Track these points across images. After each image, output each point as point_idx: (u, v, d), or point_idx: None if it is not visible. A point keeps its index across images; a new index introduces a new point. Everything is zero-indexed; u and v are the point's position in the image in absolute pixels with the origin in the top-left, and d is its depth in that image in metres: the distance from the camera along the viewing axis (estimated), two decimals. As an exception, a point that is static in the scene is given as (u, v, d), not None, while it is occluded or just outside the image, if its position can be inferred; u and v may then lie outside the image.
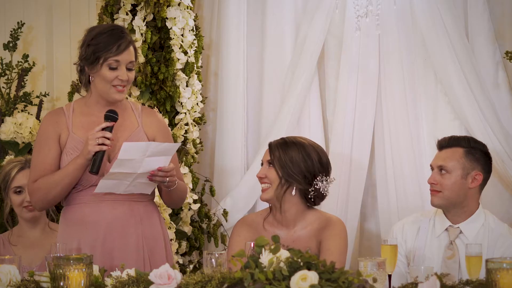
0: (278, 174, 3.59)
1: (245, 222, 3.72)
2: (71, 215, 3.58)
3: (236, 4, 4.79)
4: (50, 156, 3.56)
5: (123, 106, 3.65)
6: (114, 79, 3.52)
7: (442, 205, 3.67)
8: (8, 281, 3.00)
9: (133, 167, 3.39)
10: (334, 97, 4.69)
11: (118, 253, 3.50)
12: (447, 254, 3.63)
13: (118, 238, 3.53)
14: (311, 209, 3.68)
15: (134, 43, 3.60)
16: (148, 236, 3.58)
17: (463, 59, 4.46)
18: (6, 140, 4.73)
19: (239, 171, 4.78)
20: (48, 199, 3.55)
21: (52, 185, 3.52)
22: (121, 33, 3.55)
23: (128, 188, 3.49)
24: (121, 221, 3.54)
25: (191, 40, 4.55)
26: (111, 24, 3.72)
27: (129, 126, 3.62)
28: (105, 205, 3.54)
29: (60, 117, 3.62)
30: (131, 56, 3.55)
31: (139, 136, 3.59)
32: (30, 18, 5.11)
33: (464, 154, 3.65)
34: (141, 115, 3.67)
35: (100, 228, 3.53)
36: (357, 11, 4.35)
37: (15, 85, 4.87)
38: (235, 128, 4.78)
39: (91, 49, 3.54)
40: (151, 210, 3.62)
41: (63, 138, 3.58)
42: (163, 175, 3.45)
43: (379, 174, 4.65)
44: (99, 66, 3.52)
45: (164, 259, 3.57)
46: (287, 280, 2.62)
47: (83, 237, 3.52)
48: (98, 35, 3.54)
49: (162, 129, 3.68)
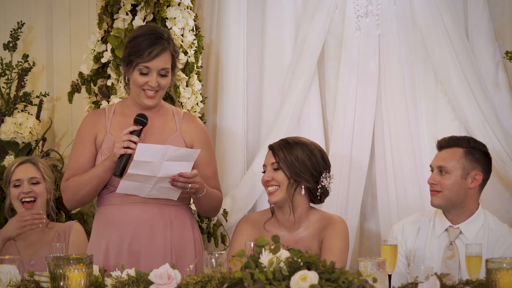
0: (286, 175, 3.58)
1: (249, 220, 3.72)
2: (102, 216, 3.62)
3: (236, 4, 4.79)
4: (84, 156, 3.59)
5: (163, 110, 3.66)
6: (144, 84, 3.53)
7: (442, 205, 3.67)
8: (8, 281, 3.01)
9: (152, 170, 3.39)
10: (334, 97, 4.69)
11: (144, 255, 3.51)
12: (447, 254, 3.63)
13: (145, 240, 3.54)
14: (314, 209, 3.69)
15: (172, 48, 3.57)
16: (177, 239, 3.59)
17: (463, 59, 4.46)
18: (6, 140, 4.73)
19: (239, 171, 4.78)
20: (77, 198, 3.59)
21: (80, 185, 3.55)
22: (156, 39, 3.53)
23: (151, 192, 3.49)
24: (149, 223, 3.55)
25: (191, 40, 4.55)
26: (152, 27, 3.64)
27: (167, 131, 3.63)
28: (134, 207, 3.55)
29: (99, 117, 3.65)
30: (164, 63, 3.54)
31: (176, 140, 3.60)
32: (30, 18, 5.12)
33: (464, 154, 3.65)
34: (182, 120, 3.67)
35: (128, 229, 3.54)
36: (357, 11, 4.35)
37: (15, 85, 4.87)
38: (235, 128, 4.78)
39: (127, 51, 3.56)
40: (183, 214, 3.62)
41: (99, 139, 3.60)
42: (184, 181, 3.44)
43: (379, 174, 4.65)
44: (131, 69, 3.54)
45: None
46: (287, 280, 2.62)
47: (111, 238, 3.55)
48: (136, 38, 3.55)
49: (200, 136, 3.68)
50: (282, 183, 3.59)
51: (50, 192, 4.12)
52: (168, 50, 3.55)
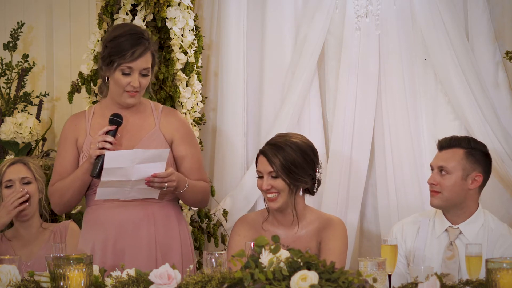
0: (285, 182, 3.55)
1: (245, 221, 3.71)
2: (88, 216, 3.65)
3: (236, 4, 4.79)
4: (67, 160, 3.61)
5: (142, 107, 3.66)
6: (126, 85, 3.53)
7: (441, 205, 3.67)
8: (8, 281, 3.01)
9: (124, 174, 3.40)
10: (334, 97, 4.69)
11: (129, 253, 3.52)
12: (447, 254, 3.63)
13: (129, 238, 3.55)
14: (308, 207, 3.68)
15: (153, 48, 3.57)
16: (162, 236, 3.59)
17: (463, 59, 4.46)
18: (6, 140, 4.73)
19: (239, 171, 4.78)
20: (63, 202, 3.61)
21: (65, 188, 3.57)
22: (138, 39, 3.53)
23: (130, 194, 3.51)
24: (133, 221, 3.56)
25: (191, 40, 4.55)
26: (132, 26, 3.66)
27: (145, 127, 3.63)
28: (118, 206, 3.56)
29: (79, 120, 3.65)
30: (146, 63, 3.54)
31: (155, 136, 3.60)
32: (30, 18, 5.12)
33: (464, 155, 3.65)
34: (160, 115, 3.67)
35: (112, 229, 3.56)
36: (357, 11, 4.35)
37: (15, 85, 4.87)
38: (235, 128, 4.78)
39: (107, 51, 3.55)
40: (167, 210, 3.63)
41: (80, 141, 3.61)
42: (159, 181, 3.44)
43: (379, 174, 4.65)
44: (112, 69, 3.53)
45: (179, 260, 3.57)
46: (287, 280, 2.62)
47: (96, 238, 3.57)
48: (116, 37, 3.54)
49: (180, 130, 3.67)
50: (282, 190, 3.57)
51: (42, 191, 4.11)
52: (149, 50, 3.56)
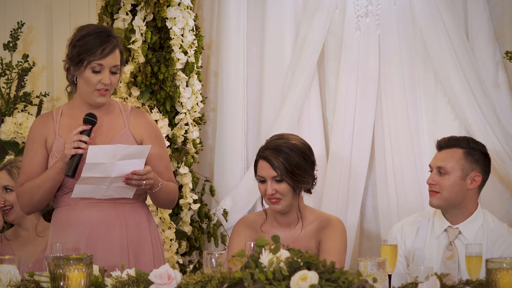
0: (289, 185, 3.54)
1: (245, 222, 3.71)
2: (58, 217, 3.60)
3: (236, 4, 4.79)
4: (36, 160, 3.58)
5: (110, 107, 3.64)
6: (97, 83, 3.52)
7: (440, 205, 3.67)
8: (8, 281, 3.01)
9: (105, 171, 3.39)
10: (334, 97, 4.69)
11: (101, 255, 3.46)
12: (446, 254, 3.63)
13: (101, 240, 3.53)
14: (307, 207, 3.68)
15: (120, 46, 3.58)
16: (134, 238, 3.57)
17: (463, 59, 4.47)
18: (6, 140, 4.73)
19: (239, 171, 4.78)
20: (33, 203, 3.57)
21: (35, 189, 3.53)
22: (107, 37, 3.53)
23: (106, 193, 3.49)
24: (105, 223, 3.54)
25: (191, 40, 4.55)
26: (98, 25, 3.70)
27: (115, 128, 3.61)
28: (89, 207, 3.54)
29: (48, 120, 3.63)
30: (115, 60, 3.53)
31: (125, 137, 3.58)
32: (30, 18, 5.12)
33: (463, 155, 3.64)
34: (129, 116, 3.66)
35: (83, 230, 3.53)
36: (357, 11, 4.35)
37: (15, 85, 4.87)
38: (235, 128, 4.78)
39: (76, 50, 3.53)
40: (138, 211, 3.61)
41: (49, 142, 3.58)
42: (138, 178, 3.43)
43: (379, 174, 4.65)
44: (82, 68, 3.51)
45: (151, 261, 3.57)
46: (287, 280, 2.62)
47: (68, 239, 3.51)
48: (84, 36, 3.53)
49: (149, 131, 3.65)
50: (286, 194, 3.56)
51: None
52: (118, 47, 3.55)
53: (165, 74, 4.50)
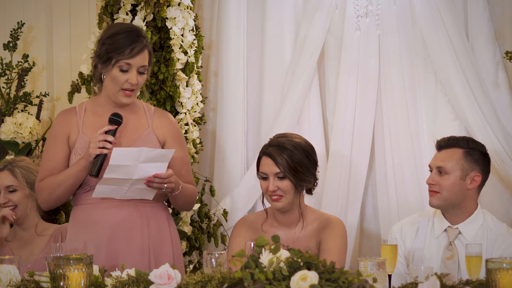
0: (291, 182, 3.55)
1: (245, 223, 3.71)
2: (79, 215, 3.60)
3: (236, 4, 4.79)
4: (58, 156, 3.57)
5: (135, 107, 3.64)
6: (124, 82, 3.52)
7: (440, 205, 3.67)
8: (8, 281, 3.01)
9: (127, 173, 3.39)
10: (334, 97, 4.69)
11: (122, 254, 3.50)
12: (446, 255, 3.63)
13: (123, 239, 3.53)
14: (308, 207, 3.69)
15: (149, 47, 3.57)
16: (155, 238, 3.58)
17: (463, 59, 4.47)
18: (6, 140, 4.73)
19: (239, 171, 4.78)
20: (53, 199, 3.57)
21: (55, 185, 3.53)
22: (137, 36, 3.53)
23: (127, 194, 3.49)
24: (127, 222, 3.54)
25: (191, 40, 4.55)
26: (129, 24, 3.69)
27: (139, 128, 3.61)
28: (111, 206, 3.54)
29: (71, 116, 3.62)
30: (143, 61, 3.53)
31: (149, 138, 3.59)
32: (30, 18, 5.12)
33: (463, 155, 3.64)
34: (153, 116, 3.66)
35: (105, 229, 3.53)
36: (357, 11, 4.36)
37: (15, 85, 4.87)
38: (235, 128, 4.78)
39: (105, 47, 3.52)
40: (159, 211, 3.62)
41: (72, 138, 3.58)
42: (159, 182, 3.43)
43: (379, 174, 4.65)
44: (110, 66, 3.51)
45: (171, 262, 3.55)
46: (287, 280, 2.62)
47: (89, 237, 3.53)
48: (114, 35, 3.53)
49: (172, 132, 3.66)
50: (288, 191, 3.57)
51: (33, 196, 4.03)
52: (147, 48, 3.56)
53: (165, 74, 4.50)
